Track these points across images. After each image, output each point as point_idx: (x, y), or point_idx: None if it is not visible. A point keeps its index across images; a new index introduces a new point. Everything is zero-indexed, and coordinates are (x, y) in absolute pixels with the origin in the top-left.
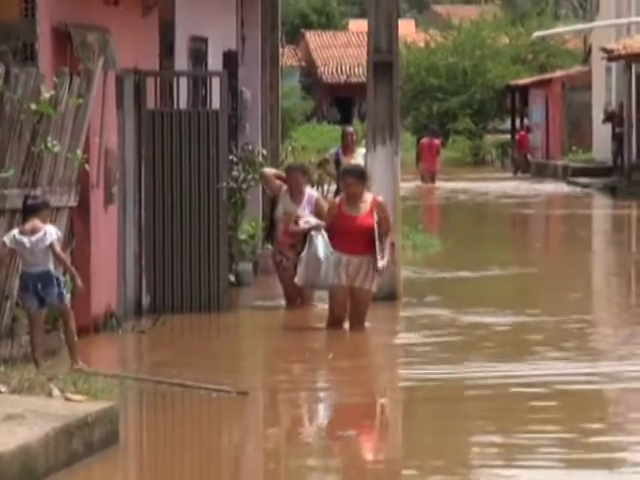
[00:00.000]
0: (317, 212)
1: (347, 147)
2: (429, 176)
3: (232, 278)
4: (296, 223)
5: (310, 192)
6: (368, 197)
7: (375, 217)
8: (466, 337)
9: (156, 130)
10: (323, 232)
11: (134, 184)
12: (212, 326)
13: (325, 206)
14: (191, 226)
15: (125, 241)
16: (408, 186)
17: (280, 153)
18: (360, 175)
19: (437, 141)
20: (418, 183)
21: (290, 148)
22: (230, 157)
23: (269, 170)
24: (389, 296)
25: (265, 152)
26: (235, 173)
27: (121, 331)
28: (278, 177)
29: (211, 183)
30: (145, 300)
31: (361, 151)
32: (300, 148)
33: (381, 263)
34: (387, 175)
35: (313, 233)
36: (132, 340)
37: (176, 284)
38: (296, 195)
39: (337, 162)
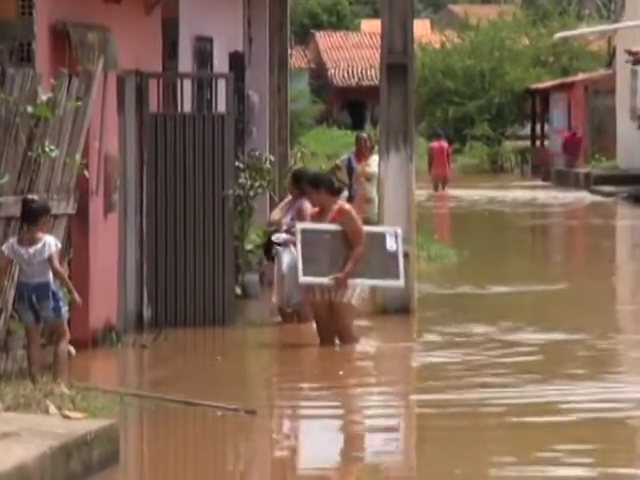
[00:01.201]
0: (299, 220)
1: (361, 153)
2: (440, 182)
3: (238, 290)
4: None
5: (302, 200)
6: (335, 207)
7: (335, 225)
8: (483, 356)
9: (159, 135)
10: (292, 248)
11: (135, 191)
12: (217, 341)
13: (306, 215)
14: (195, 235)
15: (126, 251)
16: (422, 193)
17: (289, 159)
18: (315, 184)
19: (446, 144)
20: (431, 191)
21: (299, 154)
22: (236, 163)
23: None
24: (402, 310)
25: (273, 158)
26: (242, 180)
27: (121, 346)
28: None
29: (216, 190)
30: (146, 313)
31: (376, 158)
32: (309, 154)
33: (338, 275)
34: (401, 183)
35: (280, 248)
36: (133, 355)
37: (179, 296)
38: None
39: (350, 169)
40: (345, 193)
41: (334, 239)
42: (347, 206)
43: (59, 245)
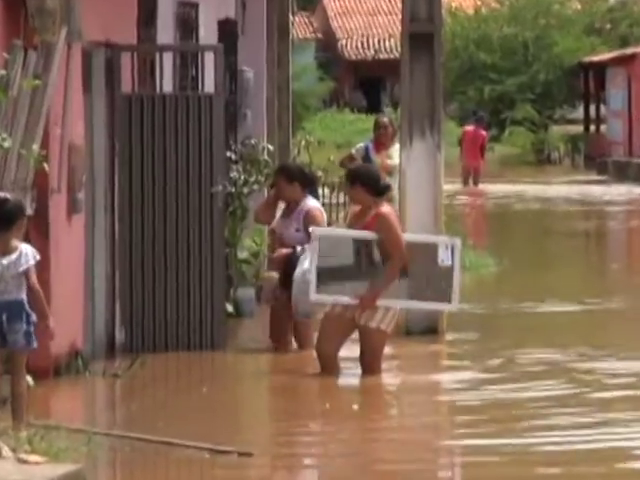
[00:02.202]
0: (305, 230)
1: (380, 142)
2: (471, 175)
3: (229, 308)
4: (281, 246)
5: (306, 203)
6: (374, 208)
7: (371, 233)
8: (535, 390)
9: (133, 120)
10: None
11: (105, 188)
12: (203, 369)
13: (318, 220)
14: (178, 241)
15: (94, 260)
16: (452, 189)
17: (291, 149)
18: (352, 178)
19: (484, 132)
20: (461, 186)
21: (303, 143)
22: (227, 154)
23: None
24: (429, 331)
25: (272, 148)
26: (234, 174)
27: (89, 374)
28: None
29: (203, 187)
30: (119, 335)
31: (398, 147)
32: (316, 143)
33: (365, 294)
34: (426, 177)
35: (302, 257)
36: (103, 386)
37: (158, 316)
38: (287, 207)
39: (366, 161)
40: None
41: (366, 250)
42: (387, 209)
43: (38, 257)
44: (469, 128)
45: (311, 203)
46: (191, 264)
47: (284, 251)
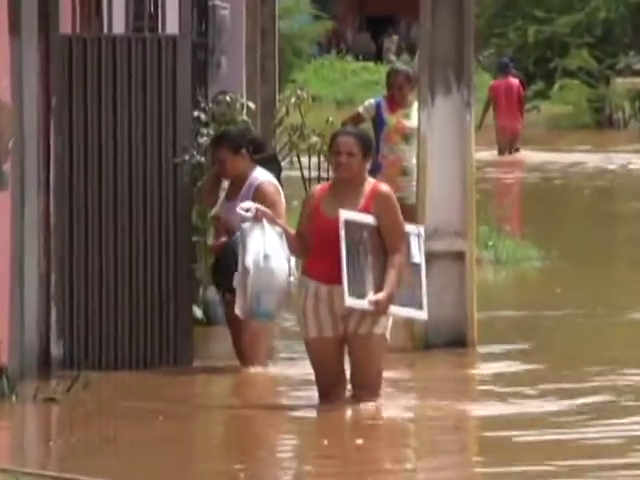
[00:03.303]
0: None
1: (395, 98)
2: (508, 141)
3: (198, 312)
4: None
5: (255, 177)
6: (366, 185)
7: (372, 219)
8: (587, 425)
9: (75, 70)
10: (266, 225)
11: (39, 157)
12: (162, 392)
13: (273, 197)
14: (132, 229)
15: (23, 253)
16: (485, 159)
17: (277, 107)
18: (360, 142)
19: (516, 81)
20: (495, 153)
21: (293, 99)
22: (195, 114)
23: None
24: (454, 343)
25: (253, 106)
26: (204, 140)
27: (16, 399)
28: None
29: (164, 156)
30: (56, 349)
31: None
32: (310, 99)
33: (372, 297)
34: (453, 144)
35: (245, 227)
36: (35, 413)
37: (107, 324)
38: (232, 186)
39: (378, 121)
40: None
41: (371, 239)
42: (385, 187)
43: None
44: (498, 82)
45: (262, 176)
46: (149, 258)
47: (224, 239)
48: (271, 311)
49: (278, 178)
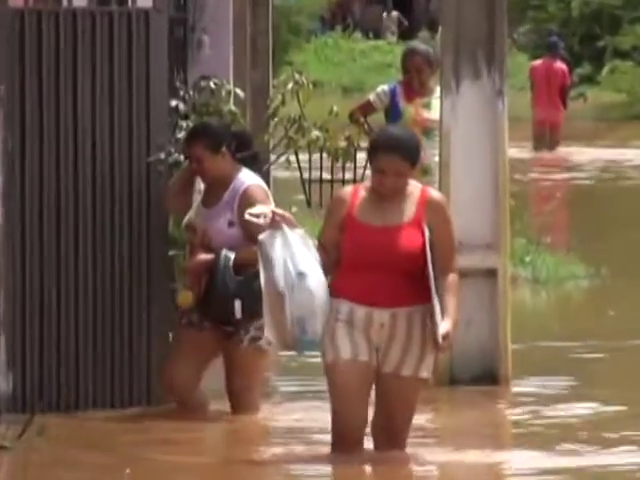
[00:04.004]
0: (244, 222)
1: (412, 85)
2: (547, 135)
3: None
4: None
5: (241, 180)
6: (413, 190)
7: (426, 231)
8: None
9: (27, 48)
10: (287, 231)
11: None
12: (131, 439)
13: (264, 203)
14: (95, 241)
15: None
16: (519, 156)
17: (271, 95)
18: (409, 157)
19: (563, 66)
20: (530, 149)
21: (290, 85)
22: (173, 103)
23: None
24: (486, 378)
25: (242, 93)
26: (183, 135)
27: None
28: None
29: (135, 154)
30: (5, 384)
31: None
32: (310, 85)
33: (444, 327)
34: (482, 138)
35: (262, 237)
36: None
37: (66, 357)
38: (211, 190)
39: (392, 111)
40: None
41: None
42: (437, 193)
43: None
44: (538, 63)
45: (248, 179)
46: (117, 277)
47: (202, 257)
48: (319, 337)
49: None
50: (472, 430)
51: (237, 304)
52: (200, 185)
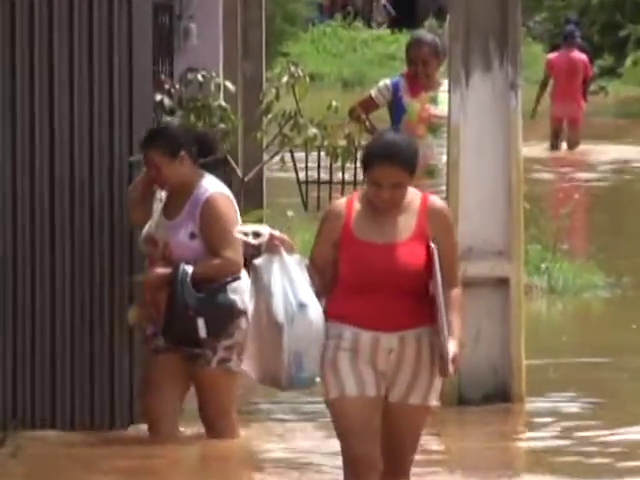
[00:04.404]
0: (206, 233)
1: (418, 78)
2: (566, 131)
3: None
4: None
5: (203, 187)
6: (413, 198)
7: (432, 245)
8: None
9: (0, 35)
10: (285, 256)
11: None
12: (111, 462)
13: (225, 214)
14: (74, 247)
15: None
16: (534, 155)
17: (264, 89)
18: (407, 166)
19: (583, 56)
20: (546, 148)
21: (285, 78)
22: (158, 97)
23: None
24: (497, 396)
25: (232, 86)
26: None
27: None
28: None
29: (116, 153)
30: None
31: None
32: (306, 78)
33: (451, 349)
34: (493, 135)
35: (258, 262)
36: None
37: (40, 372)
38: (172, 199)
39: (396, 106)
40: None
41: None
42: (438, 200)
43: None
44: (556, 55)
45: (212, 186)
46: (95, 285)
47: (160, 271)
48: (315, 374)
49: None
50: (481, 454)
51: (200, 322)
52: (161, 193)
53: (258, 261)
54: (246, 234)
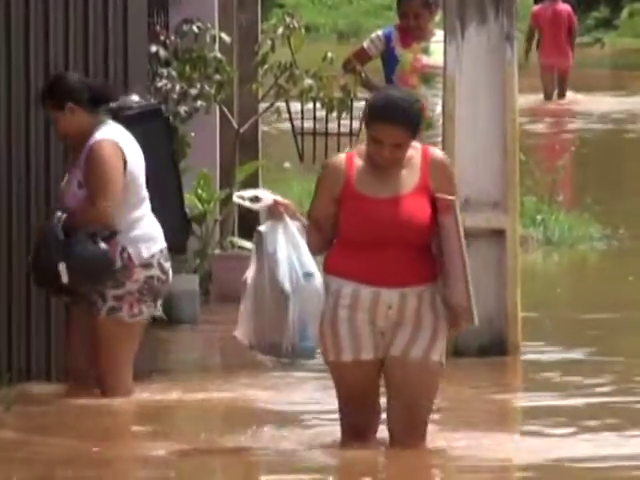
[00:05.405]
0: (86, 181)
1: (409, 31)
2: (555, 81)
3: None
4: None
5: (94, 136)
6: (413, 152)
7: (452, 198)
8: None
9: None
10: (289, 223)
11: None
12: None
13: (105, 162)
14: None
15: None
16: (527, 105)
17: (259, 41)
18: (410, 126)
19: (567, 7)
20: (541, 98)
21: (281, 30)
22: (153, 49)
23: None
24: (493, 348)
25: (228, 38)
26: (163, 83)
27: None
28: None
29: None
30: None
31: (442, 39)
32: (302, 29)
33: (461, 299)
34: (489, 87)
35: (263, 229)
36: None
37: (26, 320)
38: (74, 151)
39: (388, 57)
40: None
41: None
42: (438, 152)
43: None
44: (540, 7)
45: (101, 134)
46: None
47: (42, 223)
48: (316, 345)
49: (169, 139)
50: (478, 406)
51: (62, 267)
52: None
53: (262, 228)
54: (243, 199)
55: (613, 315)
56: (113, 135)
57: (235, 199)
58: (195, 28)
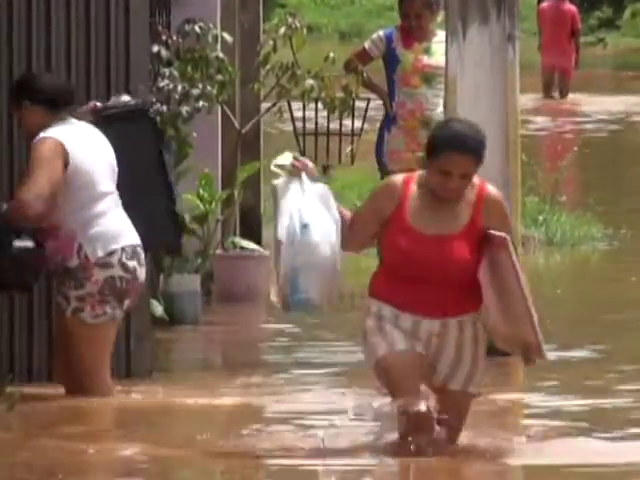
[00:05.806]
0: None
1: (410, 31)
2: (558, 81)
3: (157, 308)
4: None
5: (41, 134)
6: (469, 188)
7: (506, 241)
8: None
9: None
10: (305, 181)
11: None
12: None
13: (39, 157)
14: None
15: None
16: (529, 105)
17: (261, 40)
18: (478, 156)
19: (572, 8)
20: (541, 97)
21: (283, 30)
22: (154, 48)
23: None
24: (495, 348)
25: (229, 38)
26: (165, 83)
27: None
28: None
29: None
30: None
31: (443, 39)
32: (304, 29)
33: (530, 338)
34: (491, 87)
35: (277, 183)
36: None
37: (28, 322)
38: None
39: (390, 58)
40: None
41: None
42: (494, 190)
43: None
44: (545, 5)
45: (47, 132)
46: None
47: None
48: (311, 298)
49: (155, 139)
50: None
51: None
52: None
53: (277, 182)
54: (282, 167)
55: (615, 315)
56: (58, 134)
57: (272, 168)
58: (197, 28)
